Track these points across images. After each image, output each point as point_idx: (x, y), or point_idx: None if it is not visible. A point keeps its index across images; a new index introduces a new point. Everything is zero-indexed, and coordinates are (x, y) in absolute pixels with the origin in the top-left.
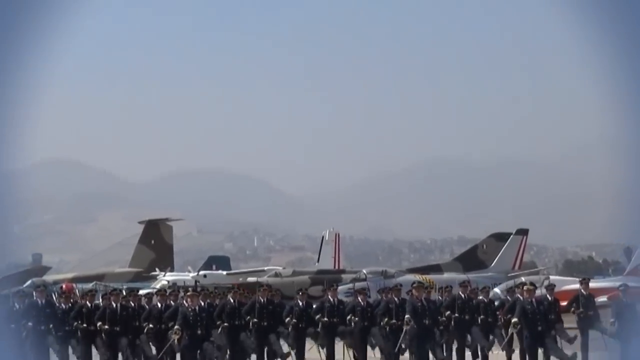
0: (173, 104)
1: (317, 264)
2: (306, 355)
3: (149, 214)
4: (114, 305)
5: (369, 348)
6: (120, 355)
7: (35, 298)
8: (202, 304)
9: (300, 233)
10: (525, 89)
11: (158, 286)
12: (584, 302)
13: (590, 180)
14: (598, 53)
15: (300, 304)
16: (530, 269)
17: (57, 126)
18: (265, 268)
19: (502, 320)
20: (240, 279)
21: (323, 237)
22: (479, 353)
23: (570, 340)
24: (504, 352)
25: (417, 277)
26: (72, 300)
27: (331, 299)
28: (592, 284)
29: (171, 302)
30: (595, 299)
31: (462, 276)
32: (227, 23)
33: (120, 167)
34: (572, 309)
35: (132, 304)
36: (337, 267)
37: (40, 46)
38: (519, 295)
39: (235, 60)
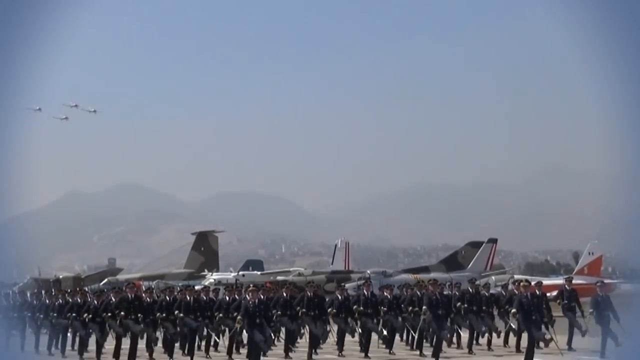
0: (216, 137)
1: (331, 265)
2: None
3: (199, 227)
4: (188, 298)
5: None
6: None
7: (126, 293)
8: (261, 297)
9: (318, 241)
10: (498, 124)
11: (207, 283)
12: (567, 295)
13: (548, 199)
14: (563, 92)
15: (340, 297)
16: (499, 269)
17: (126, 157)
18: (291, 269)
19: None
20: (271, 278)
21: (336, 245)
22: (479, 338)
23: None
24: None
25: (410, 276)
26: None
27: (339, 296)
28: (547, 282)
29: (235, 296)
30: (548, 294)
31: (446, 275)
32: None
33: (177, 190)
34: (558, 300)
35: (204, 297)
36: (347, 269)
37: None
38: (515, 290)
39: (264, 98)
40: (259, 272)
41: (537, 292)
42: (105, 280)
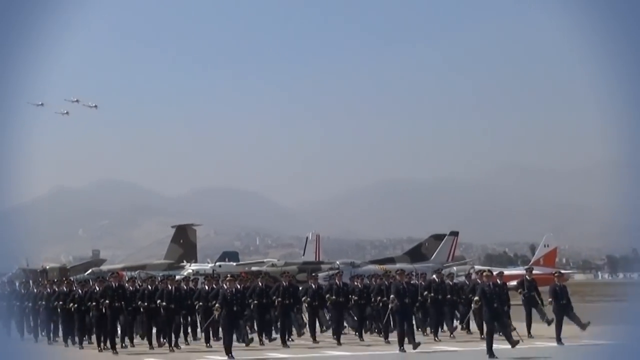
0: (195, 135)
1: (302, 257)
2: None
3: (179, 220)
4: (170, 287)
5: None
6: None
7: (110, 282)
8: (238, 286)
9: (290, 234)
10: (460, 123)
11: (185, 274)
12: (527, 285)
13: (506, 194)
14: (523, 92)
15: (313, 286)
16: (460, 261)
17: (110, 153)
18: (265, 260)
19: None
20: (246, 268)
21: (307, 238)
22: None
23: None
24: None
25: (377, 267)
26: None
27: (313, 285)
28: (507, 272)
29: (214, 285)
30: (508, 283)
31: (410, 266)
32: (236, 60)
33: (158, 185)
34: (519, 290)
35: (185, 287)
36: (317, 260)
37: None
38: (478, 280)
39: (242, 98)
40: (234, 263)
41: (498, 282)
42: (90, 270)
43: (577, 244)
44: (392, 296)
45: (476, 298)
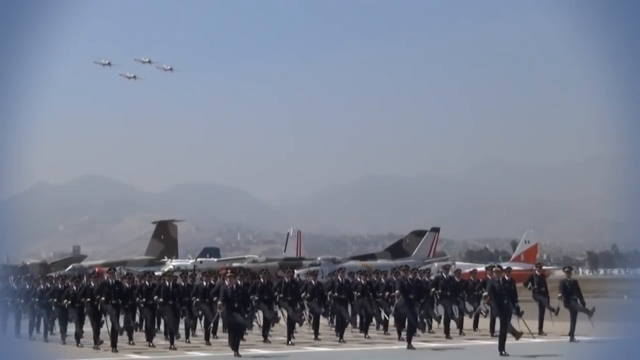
0: (177, 131)
1: (284, 253)
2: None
3: (160, 216)
4: (167, 283)
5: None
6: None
7: (107, 279)
8: (239, 283)
9: (271, 230)
10: (442, 119)
11: (166, 269)
12: (537, 281)
13: (487, 191)
14: (502, 89)
15: (313, 282)
16: (441, 257)
17: (91, 149)
18: (246, 256)
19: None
20: (227, 264)
21: (288, 233)
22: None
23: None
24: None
25: (358, 263)
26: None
27: (286, 279)
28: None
29: (212, 281)
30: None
31: (391, 262)
32: (215, 55)
33: (139, 181)
34: (528, 286)
35: (182, 283)
36: (298, 256)
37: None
38: (488, 276)
39: (223, 93)
40: (215, 259)
41: (507, 278)
42: (70, 266)
43: (558, 241)
44: (397, 292)
45: (485, 293)
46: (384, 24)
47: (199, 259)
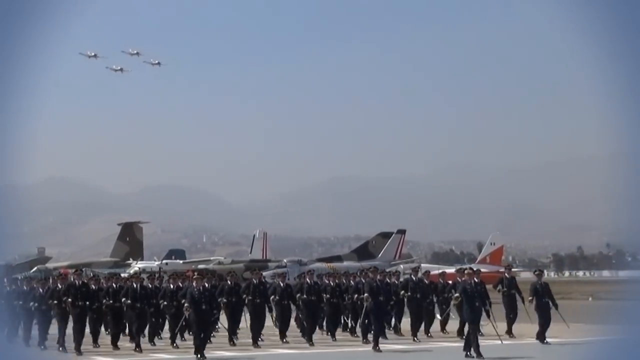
0: (143, 132)
1: (250, 255)
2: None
3: (125, 218)
4: (135, 285)
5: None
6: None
7: (73, 280)
8: (206, 285)
9: (237, 232)
10: (408, 121)
11: (132, 272)
12: (507, 283)
13: (453, 193)
14: (469, 91)
15: (282, 284)
16: (407, 258)
17: (57, 150)
18: (211, 258)
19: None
20: (193, 266)
21: (254, 235)
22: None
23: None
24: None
25: (324, 265)
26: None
27: (255, 281)
28: (451, 270)
29: (180, 283)
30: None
31: (357, 264)
32: (182, 57)
33: (105, 183)
34: (498, 288)
35: (149, 285)
36: (264, 257)
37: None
38: (459, 278)
39: (189, 94)
40: (181, 261)
41: (477, 280)
42: (35, 268)
43: (523, 242)
44: (366, 294)
45: (456, 295)
46: (352, 27)
47: (164, 261)
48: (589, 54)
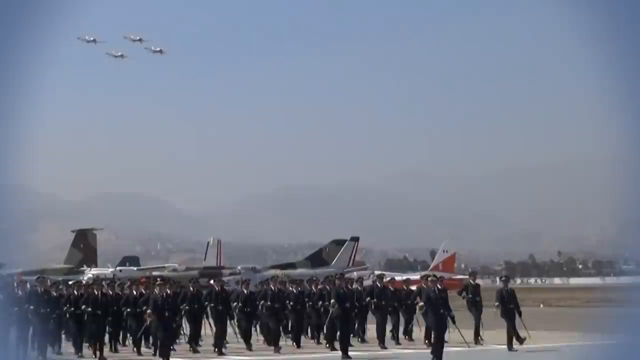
0: (97, 137)
1: (204, 262)
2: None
3: (79, 224)
4: (96, 292)
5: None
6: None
7: (35, 287)
8: (169, 292)
9: (192, 239)
10: (360, 128)
11: (85, 278)
12: (471, 290)
13: (406, 200)
14: (422, 99)
15: (245, 292)
16: (360, 266)
17: (7, 156)
18: (166, 265)
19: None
20: (147, 273)
21: (208, 242)
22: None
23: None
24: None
25: (278, 272)
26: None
27: (217, 288)
28: (412, 277)
29: (142, 290)
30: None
31: (311, 271)
32: (145, 63)
33: (58, 189)
34: (462, 295)
35: (111, 292)
36: (219, 265)
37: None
38: (423, 285)
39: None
40: (135, 268)
41: (439, 287)
42: None
43: (475, 250)
44: (332, 301)
45: (421, 304)
46: (308, 32)
47: (118, 268)
48: (525, 68)
